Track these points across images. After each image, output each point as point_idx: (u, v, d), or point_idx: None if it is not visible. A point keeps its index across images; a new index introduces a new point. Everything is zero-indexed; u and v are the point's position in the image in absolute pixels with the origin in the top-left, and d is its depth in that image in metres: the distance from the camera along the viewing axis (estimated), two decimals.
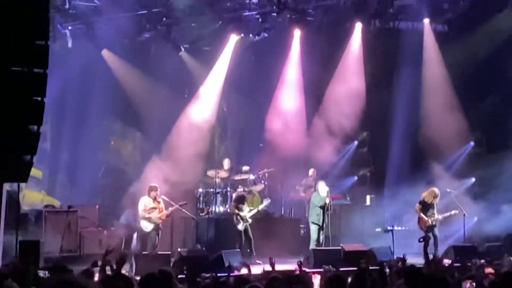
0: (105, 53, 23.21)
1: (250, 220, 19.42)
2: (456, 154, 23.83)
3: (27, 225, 18.34)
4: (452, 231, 20.85)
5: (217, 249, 18.18)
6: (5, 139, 9.84)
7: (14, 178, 11.38)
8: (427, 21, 23.84)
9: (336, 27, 23.84)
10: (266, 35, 23.21)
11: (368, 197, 23.68)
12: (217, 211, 21.38)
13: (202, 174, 22.56)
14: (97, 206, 20.81)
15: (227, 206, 21.19)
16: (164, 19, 22.81)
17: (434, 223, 19.18)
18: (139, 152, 24.29)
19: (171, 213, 18.59)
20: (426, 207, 19.24)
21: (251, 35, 23.54)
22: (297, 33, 24.07)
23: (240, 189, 21.89)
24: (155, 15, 22.47)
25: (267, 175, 22.59)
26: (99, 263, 10.04)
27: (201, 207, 21.57)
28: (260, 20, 22.87)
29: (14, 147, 9.99)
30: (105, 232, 20.06)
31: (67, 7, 21.22)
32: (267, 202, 20.62)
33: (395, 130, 24.79)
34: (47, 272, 11.16)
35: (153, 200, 18.07)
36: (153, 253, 17.39)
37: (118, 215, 21.65)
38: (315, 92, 24.14)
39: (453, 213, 19.65)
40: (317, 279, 11.21)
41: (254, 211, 19.71)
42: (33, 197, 21.48)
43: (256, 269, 11.70)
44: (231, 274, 12.45)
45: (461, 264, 15.21)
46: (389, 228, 19.55)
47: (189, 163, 22.00)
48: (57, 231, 18.07)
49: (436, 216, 19.23)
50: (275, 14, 22.76)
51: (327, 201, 19.27)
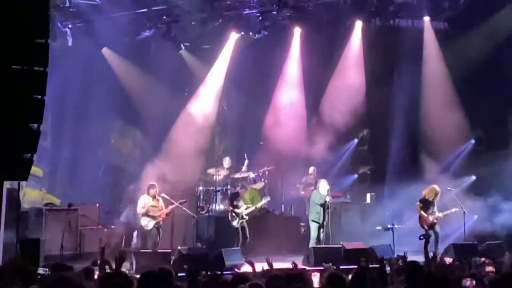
0: (105, 51, 23.22)
1: (246, 217, 19.41)
2: (456, 152, 23.79)
3: (27, 223, 18.32)
4: (452, 229, 20.84)
5: (217, 247, 18.16)
6: (5, 137, 9.84)
7: (14, 176, 11.40)
8: (427, 19, 23.81)
9: (336, 25, 23.81)
10: (266, 33, 23.21)
11: (368, 195, 23.65)
12: (217, 209, 21.38)
13: (202, 172, 22.57)
14: (97, 204, 20.78)
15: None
16: (164, 17, 22.82)
17: (435, 221, 19.19)
18: (139, 150, 24.29)
19: (171, 211, 18.61)
20: (426, 205, 19.25)
21: (251, 33, 23.53)
22: (297, 31, 24.08)
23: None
24: (155, 13, 22.48)
25: (267, 173, 22.58)
26: (98, 261, 10.02)
27: (201, 205, 21.58)
28: (260, 18, 22.87)
29: (14, 145, 10.00)
30: (105, 230, 20.07)
31: (67, 5, 21.24)
32: (266, 200, 20.60)
33: (395, 128, 24.76)
34: (47, 269, 11.16)
35: (152, 198, 18.11)
36: (153, 251, 17.41)
37: (118, 213, 21.71)
38: (315, 90, 24.14)
39: (453, 210, 19.64)
40: (316, 277, 11.21)
41: (251, 209, 19.70)
42: (33, 195, 21.47)
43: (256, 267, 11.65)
44: (231, 272, 12.44)
45: (462, 262, 15.22)
46: (389, 226, 19.58)
47: (189, 161, 22.03)
48: (58, 229, 18.02)
49: (436, 214, 19.24)
50: (275, 12, 22.77)
51: (328, 199, 19.26)
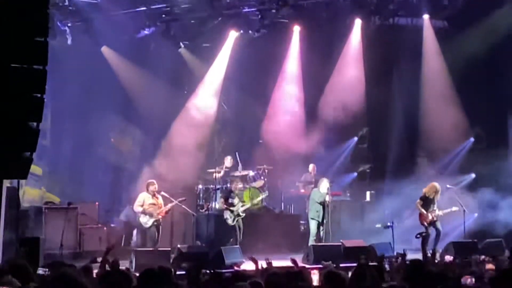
0: (105, 50, 23.22)
1: (243, 214, 19.41)
2: (455, 150, 23.77)
3: (27, 222, 18.30)
4: (452, 227, 20.84)
5: (216, 245, 18.20)
6: (4, 136, 9.82)
7: (13, 175, 11.37)
8: (426, 17, 23.79)
9: (335, 23, 23.77)
10: (265, 32, 23.20)
11: (368, 193, 23.65)
12: (217, 207, 21.36)
13: (201, 170, 22.57)
14: (97, 203, 20.82)
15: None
16: (163, 16, 22.84)
17: (435, 219, 19.18)
18: (138, 148, 24.27)
19: (171, 209, 18.62)
20: (427, 202, 19.21)
21: (250, 32, 23.53)
22: (296, 30, 24.09)
23: (240, 185, 21.89)
24: (155, 11, 22.48)
25: (266, 171, 22.58)
26: (98, 259, 10.03)
27: (201, 203, 21.58)
28: (259, 16, 22.86)
29: (13, 143, 9.97)
30: (105, 228, 20.09)
31: (66, 4, 21.24)
32: (263, 195, 20.63)
33: (394, 126, 24.77)
34: (47, 270, 11.14)
35: (152, 195, 18.11)
36: (153, 249, 17.41)
37: (118, 212, 21.72)
38: (315, 88, 24.12)
39: (453, 209, 19.60)
40: (316, 275, 11.22)
41: (247, 206, 19.71)
42: (33, 194, 21.45)
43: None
44: (230, 270, 12.46)
45: (461, 260, 15.23)
46: (389, 224, 19.58)
47: (189, 160, 22.04)
48: (57, 228, 18.03)
49: (436, 212, 19.22)
50: (274, 10, 22.76)
51: (327, 198, 19.28)
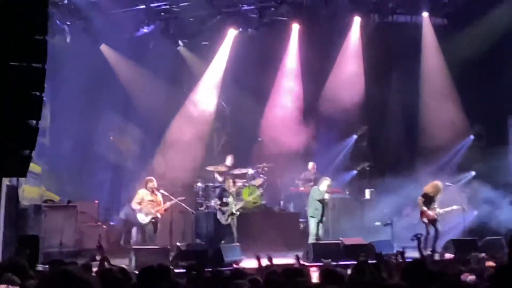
0: (104, 48, 23.18)
1: (237, 213, 19.42)
2: (455, 148, 23.79)
3: (26, 221, 18.28)
4: (452, 225, 20.85)
5: (216, 244, 18.22)
6: (3, 134, 9.82)
7: (13, 173, 11.37)
8: (426, 14, 23.83)
9: (334, 21, 23.77)
10: (264, 30, 23.19)
11: (367, 191, 23.66)
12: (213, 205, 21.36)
13: (201, 168, 22.56)
14: (97, 201, 20.83)
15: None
16: (162, 14, 22.80)
17: (436, 217, 19.18)
18: (138, 147, 24.25)
19: (170, 207, 18.62)
20: (428, 200, 19.22)
21: (249, 30, 23.52)
22: (295, 27, 24.08)
23: (239, 184, 21.91)
24: (154, 10, 22.45)
25: (266, 169, 22.57)
26: (98, 257, 10.04)
27: (200, 201, 21.57)
28: (258, 14, 22.84)
29: (13, 142, 9.97)
30: (105, 227, 20.09)
31: (66, 2, 21.18)
32: (256, 194, 20.69)
33: (394, 123, 24.81)
34: (46, 266, 11.16)
35: (150, 192, 18.11)
36: (152, 247, 17.39)
37: (117, 210, 21.73)
38: (314, 86, 24.13)
39: (454, 207, 19.62)
40: (316, 273, 11.21)
41: (240, 204, 19.72)
42: (32, 192, 21.42)
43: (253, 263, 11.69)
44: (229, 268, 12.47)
45: (461, 258, 15.22)
46: (388, 222, 19.58)
47: (188, 158, 22.03)
48: (57, 226, 18.04)
49: (437, 210, 19.23)
50: (273, 8, 22.75)
51: (326, 196, 19.29)
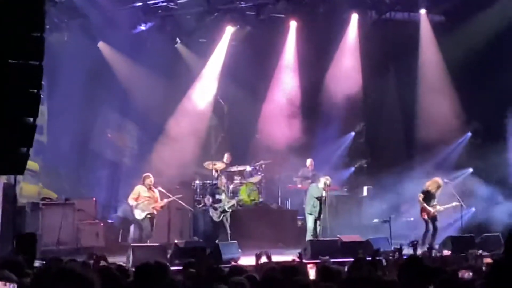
0: (101, 45, 23.17)
1: (229, 210, 19.44)
2: (453, 144, 23.78)
3: (24, 218, 18.28)
4: (449, 222, 20.87)
5: (214, 241, 18.24)
6: (0, 132, 9.80)
7: (10, 170, 11.36)
8: (423, 11, 23.79)
9: (332, 18, 23.76)
10: (262, 27, 23.18)
11: (365, 188, 23.67)
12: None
13: (199, 165, 22.56)
14: (94, 198, 20.83)
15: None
16: (159, 11, 22.79)
17: (436, 214, 19.19)
18: (135, 144, 24.27)
19: (166, 204, 18.62)
20: (428, 197, 19.23)
21: (247, 27, 23.52)
22: (293, 24, 24.05)
23: (237, 181, 21.93)
24: (151, 7, 22.44)
25: (263, 166, 22.57)
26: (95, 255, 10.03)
27: (197, 199, 21.56)
28: (256, 11, 22.82)
29: (10, 139, 9.95)
30: (102, 224, 20.08)
31: (63, 0, 21.17)
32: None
33: (391, 121, 24.80)
34: (44, 262, 11.16)
35: (148, 189, 18.10)
36: (150, 244, 17.39)
37: (115, 208, 21.71)
38: (312, 82, 24.12)
39: (454, 204, 19.64)
40: (313, 270, 11.21)
41: (232, 202, 19.74)
42: (30, 190, 21.43)
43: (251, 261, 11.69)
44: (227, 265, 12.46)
45: (459, 254, 15.25)
46: (386, 219, 19.59)
47: (186, 155, 22.03)
48: (54, 224, 18.03)
49: (437, 207, 19.23)
50: (271, 5, 22.73)
51: (324, 194, 19.29)
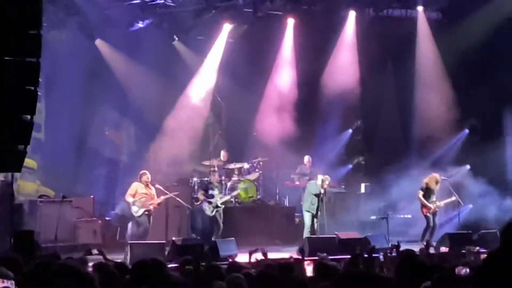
0: (99, 43, 23.13)
1: (222, 206, 19.46)
2: (450, 141, 23.80)
3: (21, 216, 18.30)
4: (447, 218, 20.90)
5: (209, 238, 18.31)
6: None
7: (7, 168, 11.36)
8: (420, 8, 23.82)
9: (329, 15, 23.79)
10: (259, 24, 23.18)
11: (362, 185, 23.68)
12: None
13: (196, 163, 22.57)
14: (92, 196, 20.82)
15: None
16: (157, 9, 22.77)
17: (436, 209, 19.21)
18: (133, 142, 24.26)
19: (163, 202, 18.64)
20: (427, 193, 19.24)
21: (244, 24, 23.52)
22: (290, 22, 24.04)
23: (235, 178, 21.93)
24: (148, 4, 22.42)
25: (261, 163, 22.58)
26: (93, 251, 10.03)
27: (195, 196, 21.56)
28: (253, 9, 22.81)
29: (7, 136, 9.96)
30: (100, 222, 20.09)
31: None
32: (236, 192, 20.82)
33: (389, 118, 24.83)
34: (41, 259, 11.15)
35: (144, 186, 18.12)
36: (148, 242, 17.40)
37: (113, 205, 21.71)
38: (309, 80, 24.12)
39: (454, 199, 19.68)
40: (310, 267, 11.22)
41: (226, 198, 19.77)
42: (27, 187, 21.42)
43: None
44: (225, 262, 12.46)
45: (456, 251, 15.26)
46: (383, 216, 19.60)
47: (184, 152, 22.05)
48: (52, 221, 18.03)
49: (437, 203, 19.25)
50: (268, 3, 22.72)
51: (322, 190, 19.30)
